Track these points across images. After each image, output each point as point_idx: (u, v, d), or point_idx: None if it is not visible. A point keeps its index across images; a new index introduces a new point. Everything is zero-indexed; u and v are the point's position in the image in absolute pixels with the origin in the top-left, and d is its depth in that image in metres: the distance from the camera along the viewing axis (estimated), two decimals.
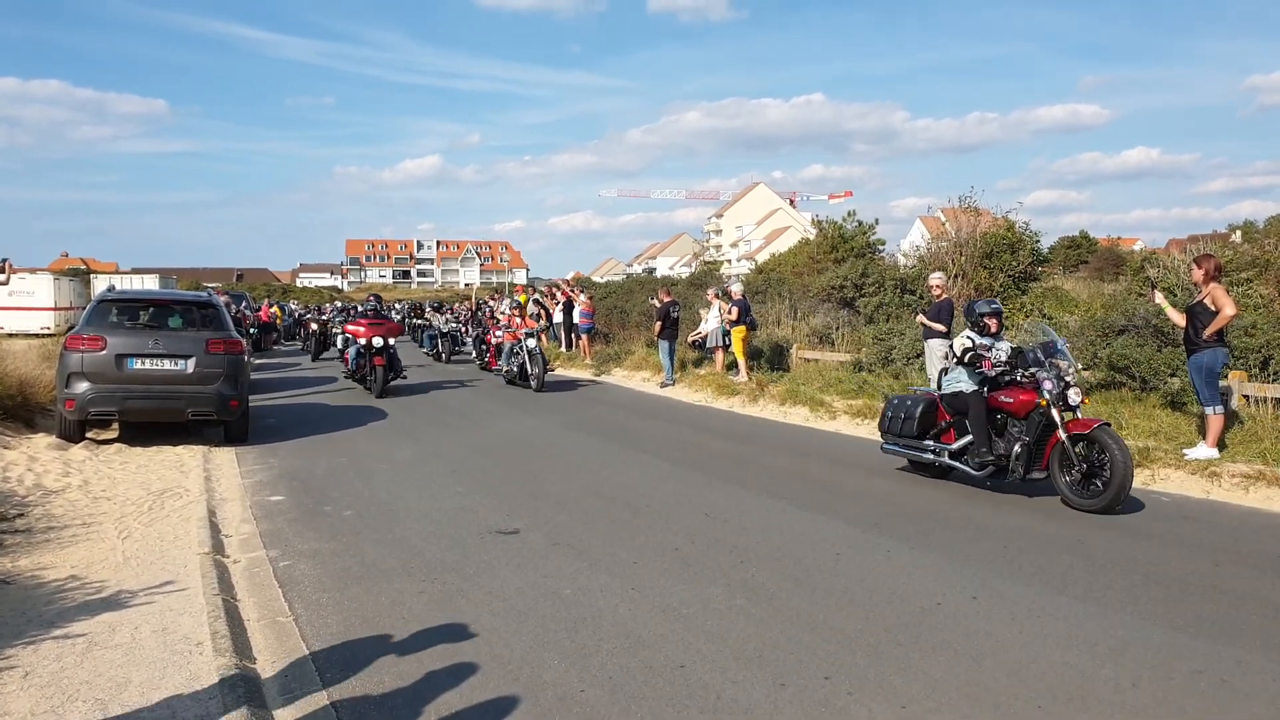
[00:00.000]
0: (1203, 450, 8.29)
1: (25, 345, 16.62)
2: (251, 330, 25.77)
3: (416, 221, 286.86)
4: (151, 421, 10.19)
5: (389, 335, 15.38)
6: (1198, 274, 8.62)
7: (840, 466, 9.19)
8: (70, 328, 13.47)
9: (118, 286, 23.62)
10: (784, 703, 3.78)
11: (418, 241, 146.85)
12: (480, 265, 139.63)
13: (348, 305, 38.21)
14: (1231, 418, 8.91)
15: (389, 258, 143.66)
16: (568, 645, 4.40)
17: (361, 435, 11.16)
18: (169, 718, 3.54)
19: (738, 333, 15.46)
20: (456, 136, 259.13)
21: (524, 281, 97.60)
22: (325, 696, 3.84)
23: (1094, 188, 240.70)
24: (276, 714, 3.71)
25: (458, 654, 4.27)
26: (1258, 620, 4.71)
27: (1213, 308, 8.32)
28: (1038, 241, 20.34)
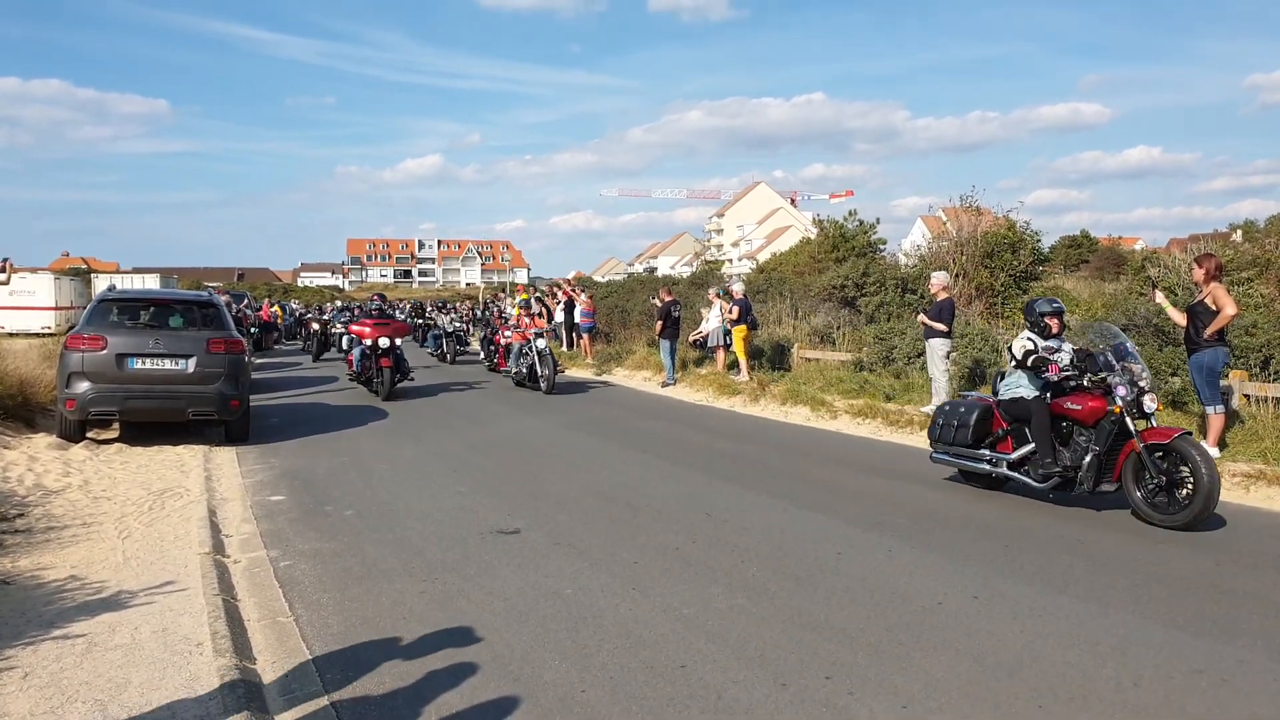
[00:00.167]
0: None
1: (26, 345, 16.63)
2: (252, 330, 25.79)
3: (417, 221, 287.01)
4: (152, 421, 10.19)
5: (396, 335, 14.75)
6: (1198, 273, 8.62)
7: (841, 466, 9.18)
8: (71, 327, 13.46)
9: (118, 286, 23.64)
10: (785, 702, 3.77)
11: (419, 241, 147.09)
12: (481, 265, 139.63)
13: (348, 305, 38.26)
14: (1232, 417, 8.91)
15: (390, 257, 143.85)
16: (568, 645, 4.39)
17: (363, 435, 11.16)
18: (169, 718, 3.54)
19: (739, 332, 15.46)
20: (457, 136, 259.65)
21: (525, 281, 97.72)
22: (325, 697, 3.84)
23: (1095, 187, 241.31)
24: (276, 715, 3.71)
25: (458, 654, 4.26)
26: (1258, 620, 4.71)
27: (1213, 307, 8.32)
28: (1039, 241, 20.41)
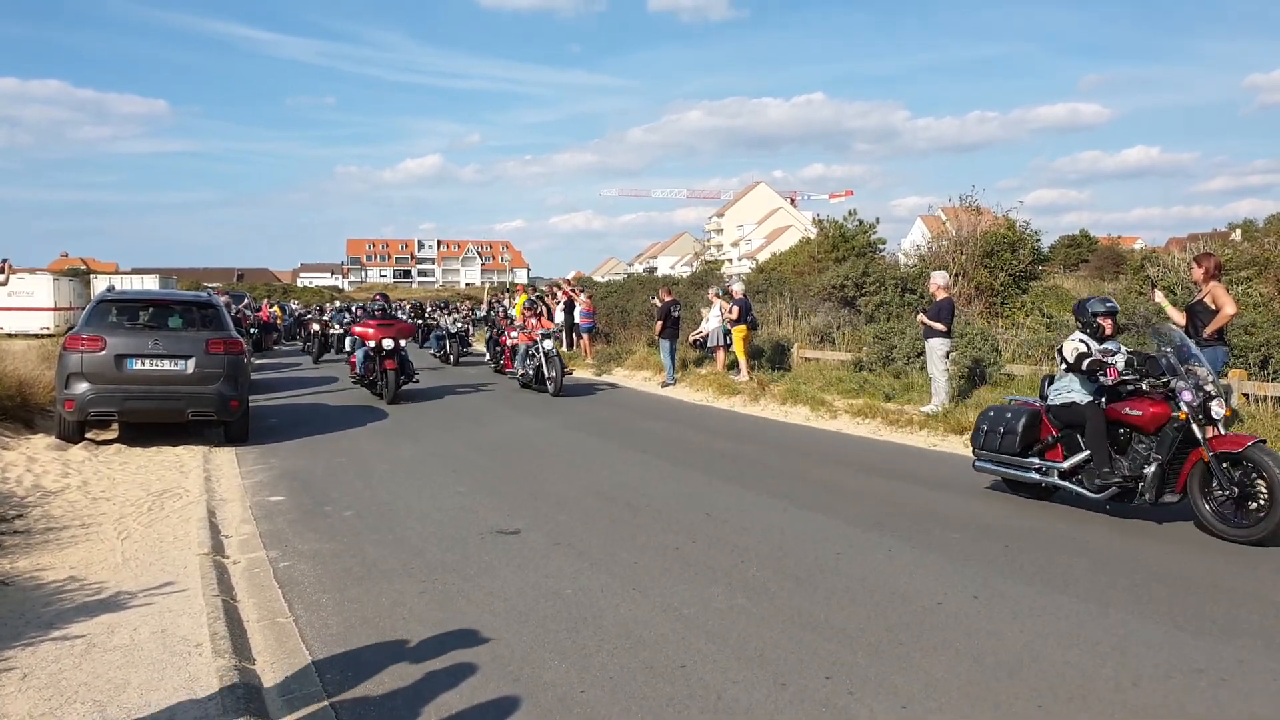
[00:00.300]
0: None
1: (25, 345, 16.61)
2: (252, 330, 25.76)
3: (417, 221, 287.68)
4: (151, 422, 10.18)
5: (400, 337, 14.33)
6: (1198, 272, 8.63)
7: (841, 466, 9.18)
8: (70, 328, 13.45)
9: (117, 286, 23.63)
10: (785, 703, 3.77)
11: (419, 241, 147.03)
12: (481, 265, 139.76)
13: (347, 305, 38.24)
14: (1232, 416, 8.90)
15: (390, 257, 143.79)
16: (568, 645, 4.39)
17: (362, 436, 11.15)
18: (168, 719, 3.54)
19: (739, 332, 15.46)
20: (457, 136, 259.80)
21: (525, 281, 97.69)
22: (325, 698, 3.83)
23: (1094, 186, 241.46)
24: (276, 716, 3.70)
25: (458, 654, 4.26)
26: (1259, 619, 4.71)
27: (1213, 306, 8.32)
28: (1038, 240, 20.41)
